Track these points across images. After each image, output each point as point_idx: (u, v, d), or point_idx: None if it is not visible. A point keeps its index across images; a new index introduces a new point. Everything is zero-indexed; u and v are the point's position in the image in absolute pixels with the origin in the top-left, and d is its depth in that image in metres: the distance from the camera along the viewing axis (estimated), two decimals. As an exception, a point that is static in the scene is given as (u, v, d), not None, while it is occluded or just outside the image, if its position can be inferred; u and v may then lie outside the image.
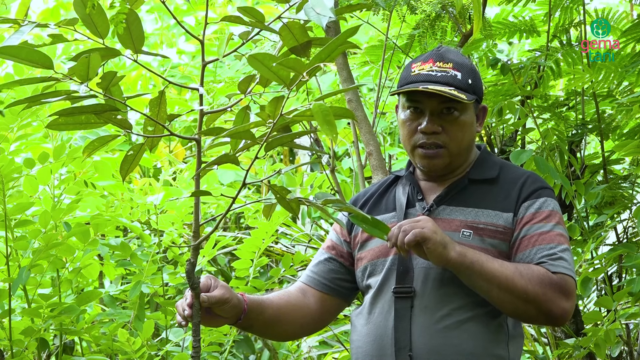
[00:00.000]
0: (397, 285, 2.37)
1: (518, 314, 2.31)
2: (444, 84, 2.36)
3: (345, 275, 2.52)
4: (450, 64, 2.39)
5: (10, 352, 3.52)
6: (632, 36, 3.81)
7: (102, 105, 2.02)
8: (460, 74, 2.37)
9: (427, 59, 2.41)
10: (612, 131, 3.84)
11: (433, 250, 2.22)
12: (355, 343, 2.44)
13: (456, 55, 2.42)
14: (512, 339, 2.38)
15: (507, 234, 2.35)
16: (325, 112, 1.89)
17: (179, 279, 3.91)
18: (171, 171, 4.85)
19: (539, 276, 2.27)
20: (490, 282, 2.25)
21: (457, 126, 2.38)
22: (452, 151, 2.39)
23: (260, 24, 2.05)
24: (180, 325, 2.28)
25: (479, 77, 2.43)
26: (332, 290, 2.51)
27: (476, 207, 2.38)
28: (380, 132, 5.66)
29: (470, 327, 2.33)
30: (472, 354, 2.32)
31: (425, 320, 2.33)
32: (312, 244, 4.72)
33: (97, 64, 1.91)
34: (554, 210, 2.37)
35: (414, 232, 2.20)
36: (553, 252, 2.31)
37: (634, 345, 3.87)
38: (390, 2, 3.88)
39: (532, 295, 2.25)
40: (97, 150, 2.10)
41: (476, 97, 2.39)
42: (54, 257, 3.52)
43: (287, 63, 1.93)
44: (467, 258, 2.24)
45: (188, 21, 6.49)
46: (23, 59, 1.92)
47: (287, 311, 2.46)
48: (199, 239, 2.16)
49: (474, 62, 4.17)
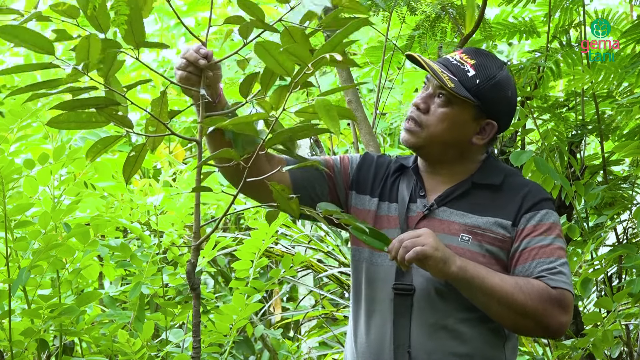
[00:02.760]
0: (397, 282, 2.37)
1: (516, 328, 2.33)
2: (452, 72, 2.36)
3: (321, 196, 2.45)
4: (473, 61, 2.38)
5: (10, 353, 3.52)
6: (632, 37, 3.81)
7: (103, 99, 2.02)
8: (473, 73, 2.36)
9: (462, 50, 2.42)
10: (612, 132, 3.84)
11: (434, 267, 2.23)
12: (352, 337, 2.44)
13: (488, 60, 2.39)
14: (509, 341, 2.39)
15: (505, 242, 2.35)
16: (328, 107, 1.90)
17: (179, 279, 3.91)
18: (171, 172, 4.84)
19: (539, 291, 2.28)
20: (490, 297, 2.25)
21: (439, 114, 2.37)
22: (427, 136, 2.37)
23: (261, 23, 2.05)
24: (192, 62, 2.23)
25: (499, 91, 2.37)
26: (301, 191, 2.40)
27: (477, 212, 2.37)
28: (380, 132, 5.67)
29: (468, 328, 2.34)
30: (469, 354, 2.33)
31: (424, 319, 2.34)
32: (311, 245, 4.72)
33: (97, 47, 1.90)
34: (555, 223, 2.37)
35: (415, 250, 2.20)
36: (553, 266, 2.31)
37: (634, 346, 3.87)
38: (390, 3, 3.88)
39: (531, 310, 2.27)
40: (100, 153, 2.09)
41: (474, 100, 2.35)
42: (53, 258, 3.52)
43: (294, 50, 1.94)
44: (468, 272, 2.24)
45: (188, 22, 6.50)
46: (24, 40, 1.91)
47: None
48: (199, 239, 2.16)
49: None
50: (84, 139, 4.39)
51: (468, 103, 2.36)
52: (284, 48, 1.94)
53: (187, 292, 3.96)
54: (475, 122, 2.39)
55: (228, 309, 3.77)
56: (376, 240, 2.21)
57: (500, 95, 2.38)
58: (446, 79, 2.33)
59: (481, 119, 2.39)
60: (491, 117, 2.39)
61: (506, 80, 2.40)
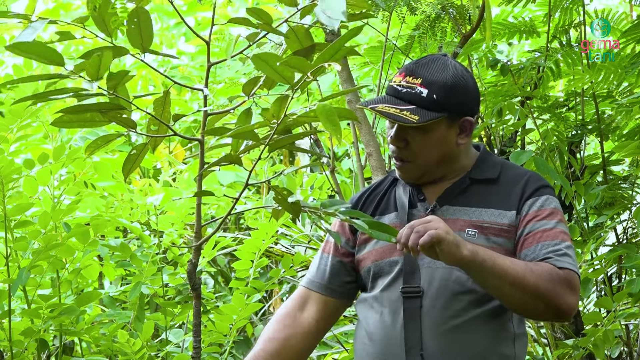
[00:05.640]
0: (405, 285, 2.37)
1: (526, 310, 2.32)
2: (406, 101, 2.34)
3: (351, 276, 2.51)
4: (419, 80, 2.36)
5: (10, 353, 3.52)
6: (632, 37, 3.81)
7: (108, 104, 2.02)
8: (426, 91, 2.34)
9: (402, 71, 2.39)
10: (611, 132, 3.84)
11: (447, 251, 2.21)
12: (361, 340, 2.44)
13: (431, 70, 2.37)
14: (518, 338, 2.39)
15: (511, 232, 2.36)
16: (329, 112, 1.89)
17: (179, 279, 3.91)
18: (171, 172, 4.85)
19: (548, 272, 2.28)
20: (502, 279, 2.25)
21: (420, 143, 2.36)
22: (420, 165, 2.39)
23: (268, 27, 2.04)
24: None
25: (458, 91, 2.36)
26: (337, 293, 2.51)
27: (479, 206, 2.38)
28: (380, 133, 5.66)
29: (477, 327, 2.34)
30: (479, 353, 2.33)
31: (434, 320, 2.34)
32: (311, 245, 4.72)
33: (109, 62, 1.91)
34: (556, 208, 2.38)
35: (429, 233, 2.19)
36: (558, 248, 2.32)
37: (634, 346, 3.87)
38: (390, 2, 3.88)
39: (542, 291, 2.27)
40: (99, 149, 2.10)
41: (441, 114, 2.34)
42: (53, 257, 3.52)
43: (291, 62, 1.93)
44: (479, 256, 2.24)
45: (188, 22, 6.49)
46: (35, 55, 1.92)
47: (285, 352, 2.48)
48: (200, 239, 2.16)
49: (474, 64, 4.18)
50: (84, 139, 4.39)
51: (438, 120, 2.36)
52: (282, 61, 1.93)
53: (187, 292, 3.95)
54: (452, 127, 2.39)
55: (228, 309, 3.77)
56: (382, 233, 2.20)
57: (460, 93, 2.38)
58: (407, 115, 2.33)
59: (456, 121, 2.39)
60: (463, 114, 2.39)
61: (457, 75, 2.38)
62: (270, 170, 4.85)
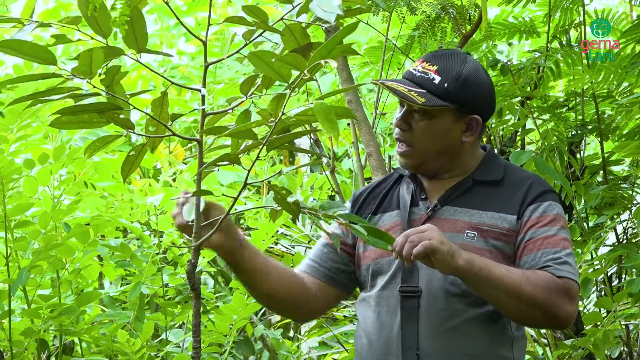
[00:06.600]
0: (403, 285, 2.37)
1: (523, 319, 2.32)
2: (418, 85, 2.36)
3: (347, 267, 2.51)
4: (435, 67, 2.37)
5: (10, 353, 3.52)
6: (632, 37, 3.81)
7: (105, 104, 2.02)
8: (439, 79, 2.36)
9: (421, 58, 2.43)
10: (612, 132, 3.84)
11: (442, 261, 2.20)
12: (360, 339, 2.44)
13: (449, 61, 2.39)
14: (516, 340, 2.38)
15: (511, 236, 2.35)
16: (326, 110, 1.89)
17: (179, 279, 3.91)
18: (171, 172, 4.84)
19: (546, 281, 2.27)
20: (498, 289, 2.24)
21: (421, 129, 2.38)
22: (418, 152, 2.39)
23: (264, 25, 2.04)
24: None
25: (471, 87, 2.37)
26: (333, 280, 2.51)
27: (480, 208, 2.38)
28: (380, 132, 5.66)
29: (474, 328, 2.34)
30: (477, 355, 2.33)
31: (432, 320, 2.34)
32: (311, 245, 4.72)
33: (100, 59, 1.90)
34: (559, 214, 2.37)
35: (423, 244, 2.18)
36: (558, 256, 2.31)
37: (634, 346, 3.87)
38: (390, 3, 3.88)
39: (539, 300, 2.26)
40: (98, 150, 2.10)
41: (449, 105, 2.35)
42: (53, 258, 3.52)
43: (287, 59, 1.93)
44: (475, 265, 2.23)
45: (188, 22, 6.49)
46: (25, 54, 1.91)
47: (284, 278, 2.45)
48: (200, 239, 2.16)
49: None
50: (84, 139, 4.39)
51: (445, 109, 2.36)
52: (277, 58, 1.93)
53: (187, 292, 3.96)
54: (459, 122, 2.40)
55: (228, 309, 3.77)
56: (379, 240, 2.20)
57: (473, 89, 2.38)
58: (415, 95, 2.34)
59: (463, 117, 2.39)
60: (472, 112, 2.39)
61: (474, 72, 2.39)
62: (270, 170, 4.85)
